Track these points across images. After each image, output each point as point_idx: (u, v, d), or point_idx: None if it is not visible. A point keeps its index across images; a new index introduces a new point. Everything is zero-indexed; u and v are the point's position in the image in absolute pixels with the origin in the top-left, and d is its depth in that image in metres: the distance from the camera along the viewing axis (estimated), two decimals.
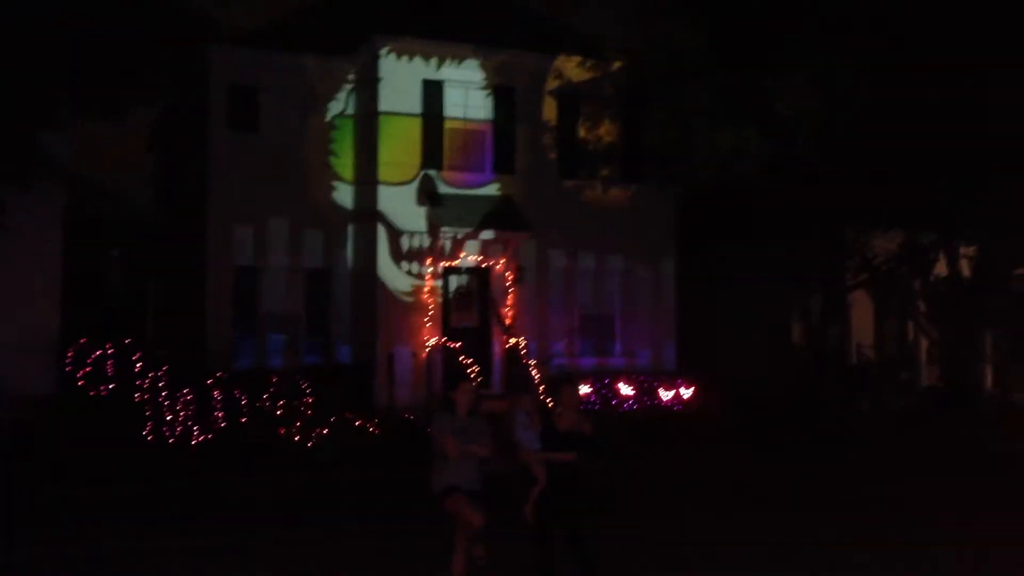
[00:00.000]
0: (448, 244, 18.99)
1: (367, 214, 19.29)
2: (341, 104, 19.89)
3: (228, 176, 18.93)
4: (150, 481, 13.67)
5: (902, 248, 21.36)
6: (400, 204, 18.92)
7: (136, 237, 21.57)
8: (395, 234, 18.86)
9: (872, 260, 21.39)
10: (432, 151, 19.23)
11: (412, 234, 18.95)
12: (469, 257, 19.26)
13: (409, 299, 18.84)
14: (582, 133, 20.40)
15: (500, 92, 19.78)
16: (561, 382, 8.64)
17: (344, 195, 19.89)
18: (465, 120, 19.57)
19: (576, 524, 7.78)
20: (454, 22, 19.81)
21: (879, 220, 20.51)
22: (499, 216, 19.27)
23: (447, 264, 19.22)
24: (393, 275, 18.80)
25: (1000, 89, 17.15)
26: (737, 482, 14.30)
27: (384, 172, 18.87)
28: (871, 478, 14.71)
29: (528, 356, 18.68)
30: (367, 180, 19.32)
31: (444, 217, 18.77)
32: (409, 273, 18.87)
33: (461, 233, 18.84)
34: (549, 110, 20.15)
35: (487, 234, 19.06)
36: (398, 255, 18.85)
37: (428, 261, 18.96)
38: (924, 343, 23.55)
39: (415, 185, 19.06)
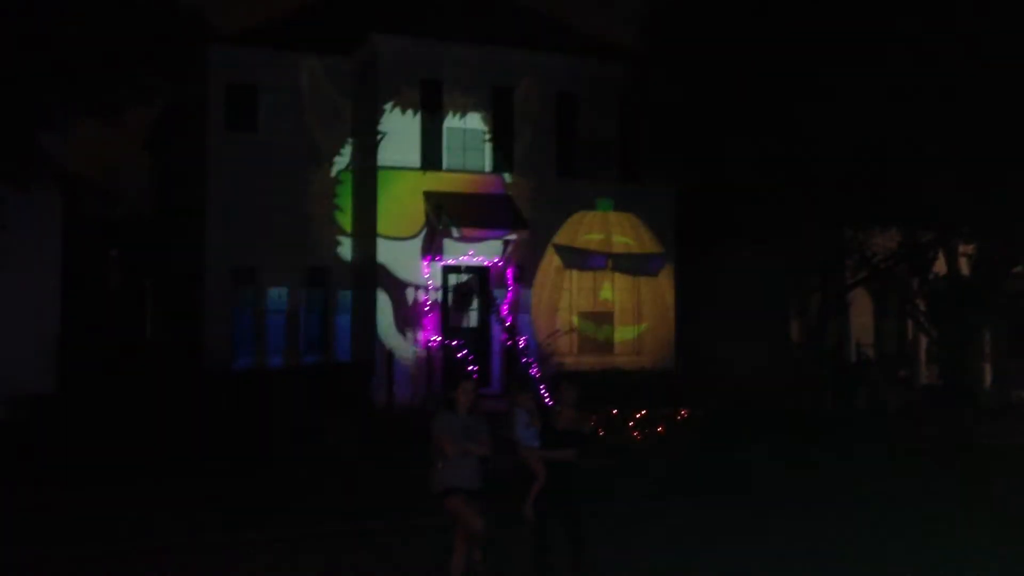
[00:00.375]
0: (447, 243, 18.98)
1: (365, 212, 19.29)
2: (339, 102, 19.89)
3: (226, 175, 18.94)
4: (150, 480, 13.65)
5: (901, 246, 21.37)
6: (398, 203, 18.92)
7: (135, 237, 21.59)
8: (393, 232, 18.84)
9: (871, 258, 21.40)
10: (430, 151, 19.22)
11: (411, 233, 18.92)
12: (469, 256, 19.26)
13: (409, 298, 18.83)
14: (581, 132, 20.41)
15: (498, 91, 19.78)
16: (561, 381, 8.67)
17: (344, 193, 19.90)
18: (464, 120, 19.56)
19: (575, 522, 7.80)
20: (452, 21, 19.81)
21: (878, 218, 20.52)
22: (498, 215, 19.26)
23: (446, 263, 19.22)
24: (392, 274, 18.79)
25: (998, 87, 17.16)
26: (728, 479, 14.31)
27: (383, 170, 18.85)
28: (864, 475, 14.72)
29: (527, 355, 18.69)
30: (366, 177, 19.32)
31: (444, 216, 18.76)
32: (408, 272, 18.85)
33: (460, 231, 18.82)
34: (548, 109, 20.16)
35: (487, 233, 19.04)
36: (396, 254, 18.83)
37: (427, 260, 18.96)
38: (923, 341, 23.57)
39: (414, 184, 19.05)
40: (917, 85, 17.14)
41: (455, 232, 18.69)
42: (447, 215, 18.73)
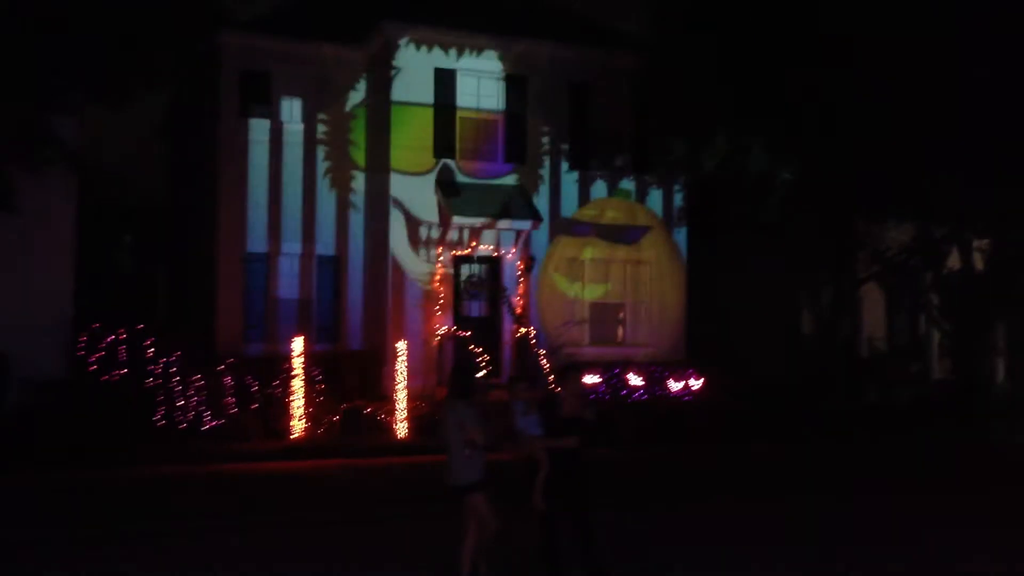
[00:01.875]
0: (460, 233, 18.96)
1: (380, 201, 19.31)
2: (354, 92, 19.88)
3: (239, 162, 18.96)
4: (161, 465, 13.73)
5: (914, 240, 21.27)
6: (413, 192, 18.91)
7: (148, 223, 21.65)
8: (407, 222, 18.85)
9: (884, 252, 21.30)
10: (445, 140, 19.20)
11: (424, 223, 18.93)
12: (480, 246, 19.24)
13: (420, 287, 18.84)
14: (594, 123, 20.35)
15: (513, 81, 19.73)
16: (566, 371, 8.67)
17: (357, 182, 19.92)
18: (478, 110, 19.53)
19: (580, 508, 7.79)
20: (468, 11, 19.74)
21: (891, 212, 20.42)
22: (511, 205, 19.23)
23: (458, 253, 19.21)
24: (405, 263, 18.80)
25: (1012, 81, 17.03)
26: (739, 473, 14.29)
27: (397, 160, 18.86)
28: (872, 469, 14.69)
29: (538, 345, 18.68)
30: (380, 168, 19.32)
31: (456, 206, 18.75)
32: (421, 261, 18.85)
33: (473, 222, 18.81)
34: (561, 100, 20.10)
35: (499, 223, 19.02)
36: (410, 243, 18.84)
37: (440, 250, 18.96)
38: (936, 336, 23.46)
39: (428, 174, 19.04)
40: (931, 77, 17.03)
41: (466, 222, 18.66)
42: (459, 204, 18.71)
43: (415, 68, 19.01)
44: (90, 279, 18.01)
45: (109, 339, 16.19)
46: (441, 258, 18.98)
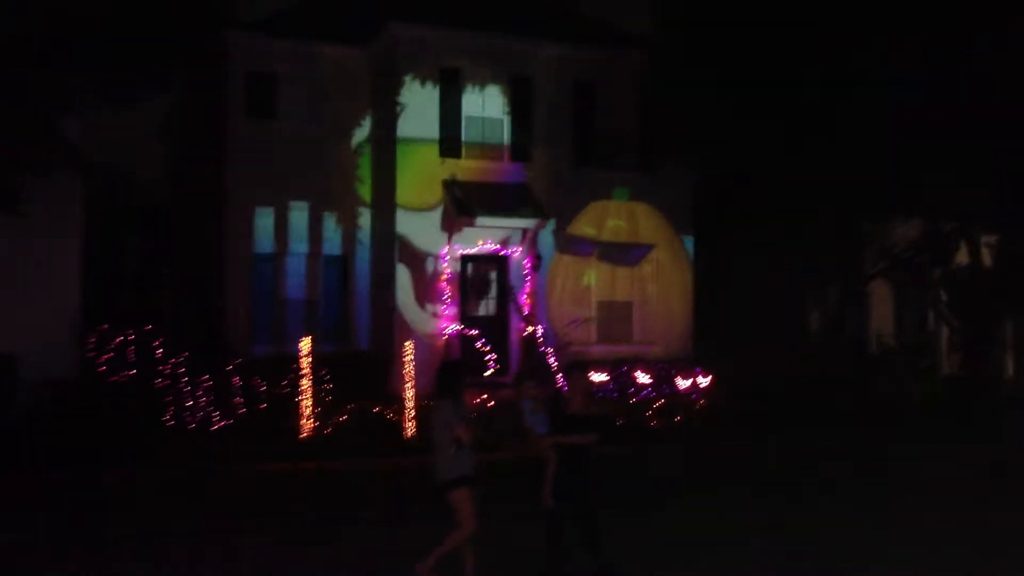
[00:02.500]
0: (466, 232, 18.95)
1: (385, 201, 19.30)
2: (360, 91, 19.87)
3: (246, 163, 18.97)
4: (170, 465, 13.73)
5: (922, 236, 21.22)
6: (419, 192, 18.91)
7: (154, 224, 21.66)
8: (414, 220, 18.84)
9: (892, 249, 21.25)
10: (450, 140, 19.19)
11: (429, 221, 18.91)
12: (487, 245, 19.23)
13: (428, 287, 18.83)
14: (598, 121, 20.34)
15: (517, 81, 19.72)
16: (572, 369, 8.66)
17: (363, 183, 19.92)
18: (483, 108, 19.51)
19: (586, 505, 7.75)
20: (470, 9, 19.74)
21: (899, 208, 20.36)
22: (517, 204, 19.22)
23: (466, 252, 19.20)
24: (412, 261, 18.80)
25: (1019, 74, 16.97)
26: (746, 470, 14.24)
27: (401, 158, 18.84)
28: (880, 466, 14.64)
29: (545, 344, 18.66)
30: (384, 166, 19.32)
31: (462, 205, 18.74)
32: (428, 260, 18.85)
33: (479, 221, 18.80)
34: (566, 98, 20.09)
35: (504, 222, 19.01)
36: (417, 242, 18.83)
37: (446, 249, 18.95)
38: (945, 332, 23.39)
39: (433, 173, 19.02)
40: (938, 74, 16.97)
41: (473, 221, 18.66)
42: (466, 203, 18.71)
43: (419, 68, 18.99)
44: (97, 280, 18.00)
45: (117, 340, 16.22)
46: (448, 257, 18.97)
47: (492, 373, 17.85)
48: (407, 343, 16.79)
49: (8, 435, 13.93)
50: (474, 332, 18.47)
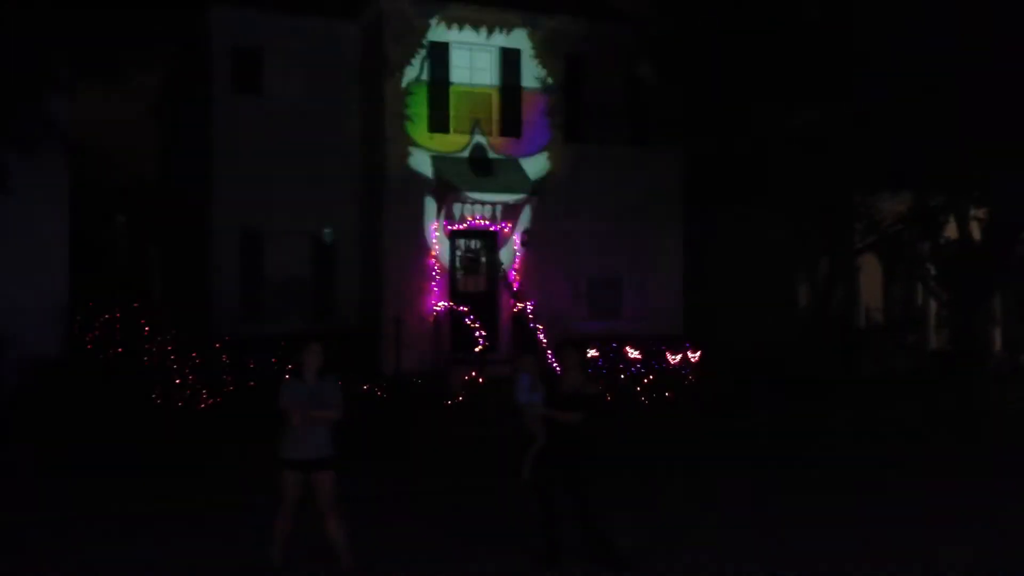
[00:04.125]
0: (455, 207, 18.88)
1: (373, 177, 19.21)
2: (348, 66, 19.71)
3: (232, 140, 18.80)
4: (159, 443, 13.73)
5: (911, 210, 21.22)
6: (407, 167, 18.81)
7: (141, 203, 21.53)
8: (401, 197, 18.76)
9: (880, 223, 21.25)
10: (439, 114, 19.06)
11: (418, 197, 18.84)
12: (476, 220, 19.17)
13: (417, 263, 18.77)
14: (589, 95, 20.24)
15: (506, 54, 19.58)
16: (563, 346, 8.68)
17: (351, 158, 19.78)
18: (471, 83, 19.39)
19: (578, 484, 7.79)
20: None
21: (887, 182, 20.34)
22: (506, 179, 19.15)
23: (455, 228, 19.14)
24: (399, 239, 18.73)
25: (1010, 48, 16.89)
26: (729, 445, 14.35)
27: (391, 133, 18.73)
28: (856, 439, 14.77)
29: (535, 320, 18.66)
30: (373, 142, 19.21)
31: (451, 180, 18.65)
32: (417, 237, 18.78)
33: (469, 196, 18.72)
34: (555, 72, 19.95)
35: (494, 197, 18.95)
36: (406, 219, 18.76)
37: (436, 225, 18.89)
38: (933, 306, 23.46)
39: (422, 148, 18.94)
40: (928, 46, 16.88)
41: (462, 196, 18.60)
42: (454, 178, 18.63)
43: (406, 41, 18.84)
44: (85, 258, 17.90)
45: (104, 318, 16.15)
46: (437, 233, 18.91)
47: (482, 350, 17.85)
48: (396, 320, 16.78)
49: None
50: (464, 309, 18.45)
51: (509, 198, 19.05)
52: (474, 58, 19.41)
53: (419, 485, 11.47)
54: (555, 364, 17.85)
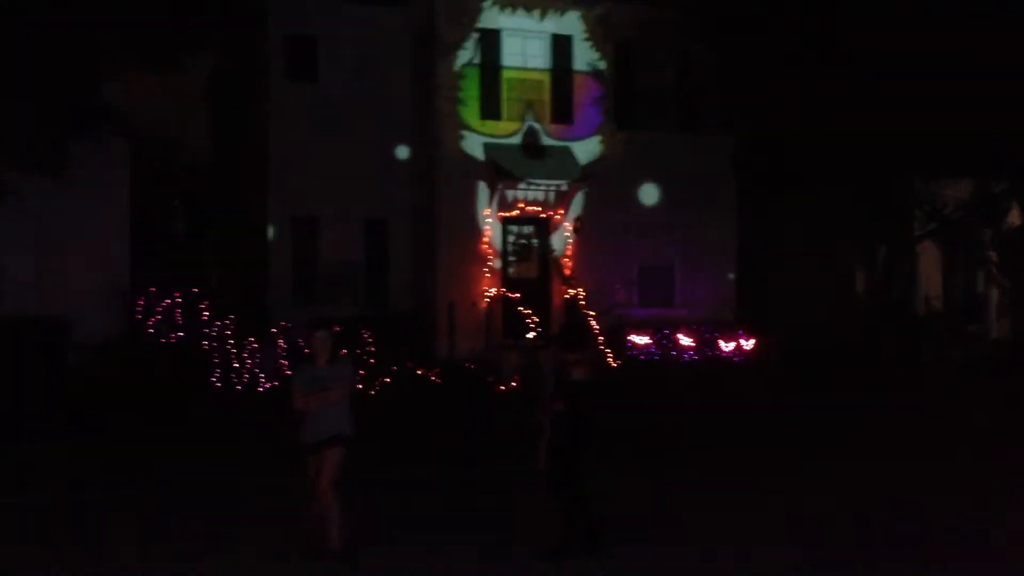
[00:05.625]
0: (507, 193, 18.87)
1: (425, 162, 19.25)
2: (397, 52, 19.73)
3: (287, 127, 18.90)
4: (222, 425, 13.96)
5: (973, 197, 20.74)
6: (460, 154, 18.82)
7: (198, 188, 21.79)
8: (453, 183, 18.79)
9: (941, 209, 20.79)
10: (491, 101, 19.04)
11: (470, 182, 18.85)
12: (529, 207, 19.14)
13: (469, 249, 18.80)
14: (639, 82, 20.07)
15: (557, 39, 19.50)
16: (578, 336, 8.48)
17: (403, 143, 19.82)
18: (523, 67, 19.33)
19: (566, 474, 7.59)
20: None
21: (949, 168, 19.89)
22: (558, 165, 19.08)
23: (507, 214, 19.12)
24: (452, 224, 18.77)
25: None
26: (781, 435, 14.17)
27: (443, 119, 18.74)
28: (917, 429, 14.50)
29: (587, 307, 18.59)
30: (425, 128, 19.24)
31: (503, 166, 18.63)
32: (469, 223, 18.80)
33: (520, 182, 18.69)
34: (607, 58, 19.81)
35: (546, 183, 18.89)
36: (456, 204, 18.78)
37: (487, 211, 18.89)
38: (995, 295, 22.91)
39: (474, 133, 18.92)
40: (985, 29, 16.45)
41: (514, 183, 18.58)
42: (506, 165, 18.61)
43: (458, 29, 18.81)
44: (144, 244, 18.20)
45: (165, 303, 16.43)
46: (490, 219, 18.91)
47: (534, 337, 17.83)
48: (448, 306, 16.85)
49: (62, 396, 14.21)
50: (516, 295, 18.44)
51: (561, 184, 18.98)
52: (526, 43, 19.35)
53: (472, 471, 11.51)
54: (607, 351, 17.82)
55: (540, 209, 19.21)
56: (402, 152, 19.82)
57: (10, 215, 15.39)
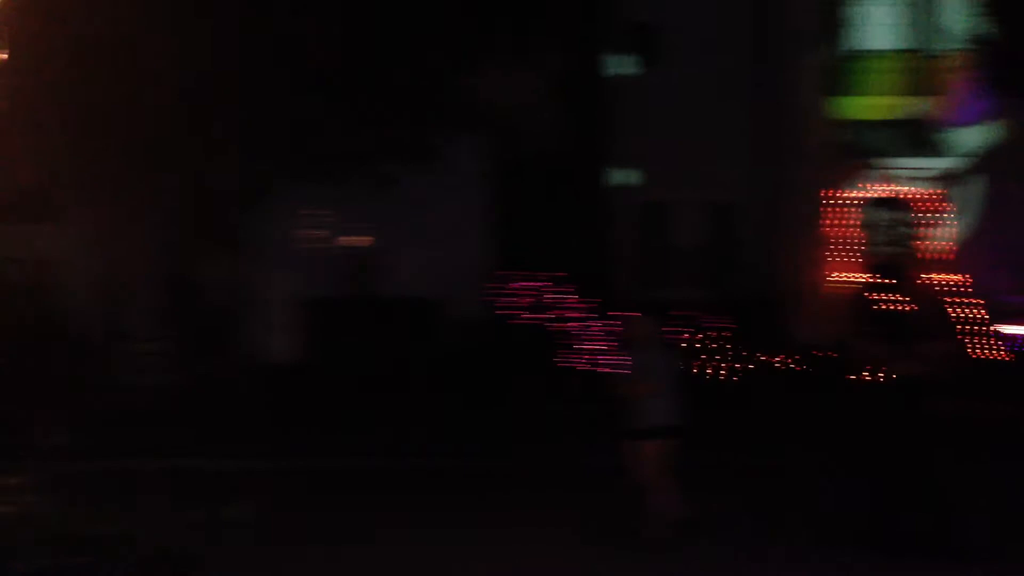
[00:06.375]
0: (871, 175, 17.82)
1: (779, 145, 18.58)
2: (741, 34, 19.18)
3: (633, 114, 19.13)
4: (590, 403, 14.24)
5: None
6: (819, 136, 18.09)
7: (547, 176, 22.61)
8: (811, 164, 18.00)
9: None
10: (853, 78, 18.14)
11: (830, 164, 17.98)
12: (895, 190, 17.87)
13: (826, 232, 17.90)
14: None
15: (928, 12, 18.10)
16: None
17: (751, 126, 19.21)
18: (889, 46, 18.24)
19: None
20: None
21: None
22: (928, 148, 17.74)
23: (870, 196, 17.96)
24: (809, 208, 17.99)
25: None
26: None
27: (802, 100, 18.17)
28: None
29: (962, 296, 16.91)
30: (780, 109, 18.60)
31: (866, 147, 17.63)
32: (821, 206, 17.92)
33: (885, 164, 17.63)
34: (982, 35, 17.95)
35: (917, 166, 17.73)
36: (813, 187, 17.97)
37: (849, 193, 17.89)
38: None
39: (836, 114, 18.08)
40: None
41: (878, 164, 17.51)
42: (870, 145, 17.56)
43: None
44: (499, 229, 19.24)
45: (519, 284, 17.25)
46: (852, 202, 17.88)
47: (895, 326, 16.52)
48: (804, 292, 16.14)
49: (438, 368, 15.36)
50: (877, 280, 17.17)
51: (932, 167, 17.63)
52: (891, 17, 18.09)
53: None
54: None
55: (910, 193, 17.84)
56: (750, 134, 19.23)
57: (390, 206, 16.90)
